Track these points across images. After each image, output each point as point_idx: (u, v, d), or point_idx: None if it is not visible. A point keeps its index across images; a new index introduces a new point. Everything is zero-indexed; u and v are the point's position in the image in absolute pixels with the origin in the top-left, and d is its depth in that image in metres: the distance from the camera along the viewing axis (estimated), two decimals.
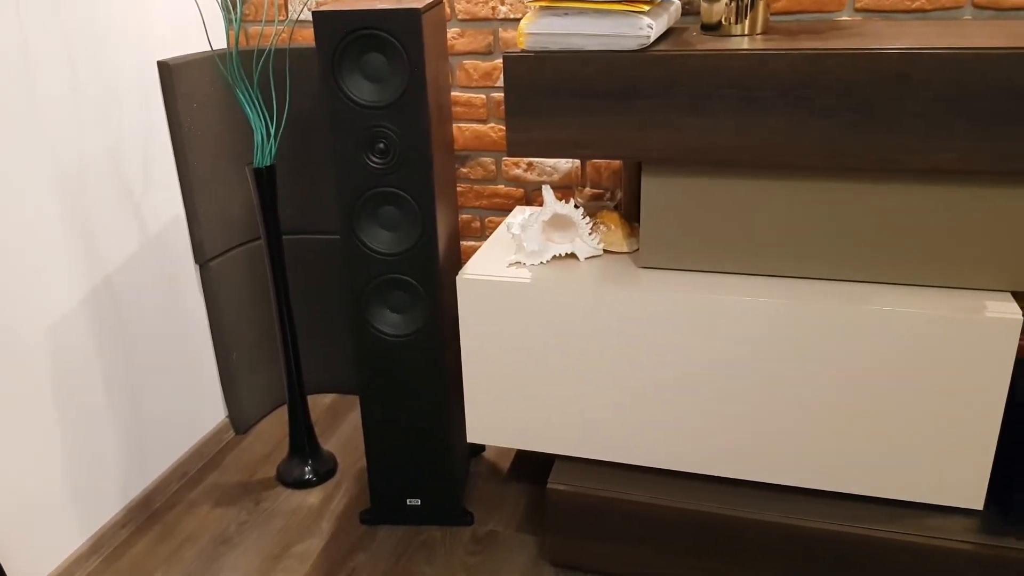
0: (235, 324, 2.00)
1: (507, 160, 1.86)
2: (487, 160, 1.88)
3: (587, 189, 1.75)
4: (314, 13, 1.32)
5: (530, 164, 1.85)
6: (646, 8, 1.26)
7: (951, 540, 1.35)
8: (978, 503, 1.35)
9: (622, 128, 1.33)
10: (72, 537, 1.61)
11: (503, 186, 1.89)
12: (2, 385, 1.43)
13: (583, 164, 1.80)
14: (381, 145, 1.39)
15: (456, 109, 1.85)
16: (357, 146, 1.40)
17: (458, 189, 1.93)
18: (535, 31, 1.33)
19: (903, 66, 1.18)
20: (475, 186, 1.91)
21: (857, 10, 1.55)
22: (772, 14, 1.60)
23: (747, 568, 1.46)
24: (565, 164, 1.85)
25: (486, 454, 1.95)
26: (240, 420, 2.08)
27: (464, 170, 1.90)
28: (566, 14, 1.30)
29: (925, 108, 1.19)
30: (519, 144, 1.39)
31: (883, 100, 1.20)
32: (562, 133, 1.36)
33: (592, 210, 1.67)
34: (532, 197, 1.88)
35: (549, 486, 1.50)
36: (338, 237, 1.96)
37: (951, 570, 1.35)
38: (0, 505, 1.44)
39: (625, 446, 1.49)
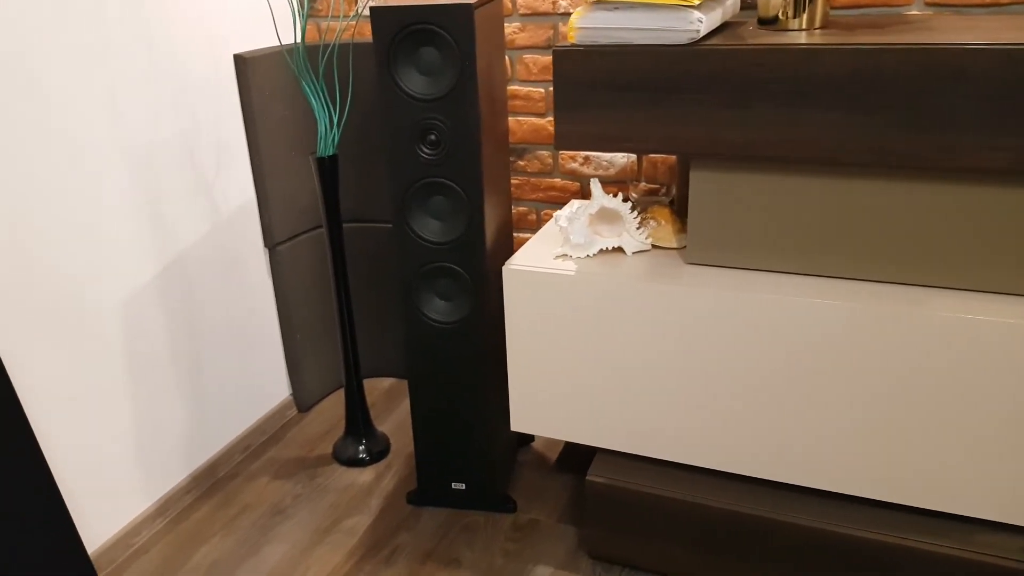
0: (301, 307, 2.09)
1: (564, 154, 1.88)
2: (544, 153, 1.90)
3: (642, 184, 1.75)
4: (371, 8, 1.37)
5: (586, 158, 1.86)
6: (697, 2, 1.25)
7: (1005, 559, 1.29)
8: None
9: (670, 123, 1.33)
10: (140, 500, 1.71)
11: (559, 179, 1.90)
12: (78, 355, 1.54)
13: (639, 159, 1.80)
14: (432, 137, 1.43)
15: (515, 102, 1.87)
16: (409, 137, 1.44)
17: (515, 182, 1.95)
18: (585, 25, 1.34)
19: (960, 61, 1.13)
20: (532, 179, 1.93)
21: (928, 4, 1.49)
22: (838, 8, 1.56)
23: (783, 573, 1.43)
24: (621, 159, 1.85)
25: (535, 444, 1.98)
26: (303, 399, 2.17)
27: (521, 163, 1.93)
28: (616, 8, 1.31)
29: (982, 105, 1.14)
30: (567, 137, 1.40)
31: (938, 97, 1.16)
32: (610, 127, 1.37)
33: (646, 205, 1.67)
34: (588, 191, 1.89)
35: (588, 478, 1.52)
36: None
37: None
38: (74, 467, 1.55)
39: (666, 443, 1.49)
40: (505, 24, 1.82)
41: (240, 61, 1.81)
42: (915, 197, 1.27)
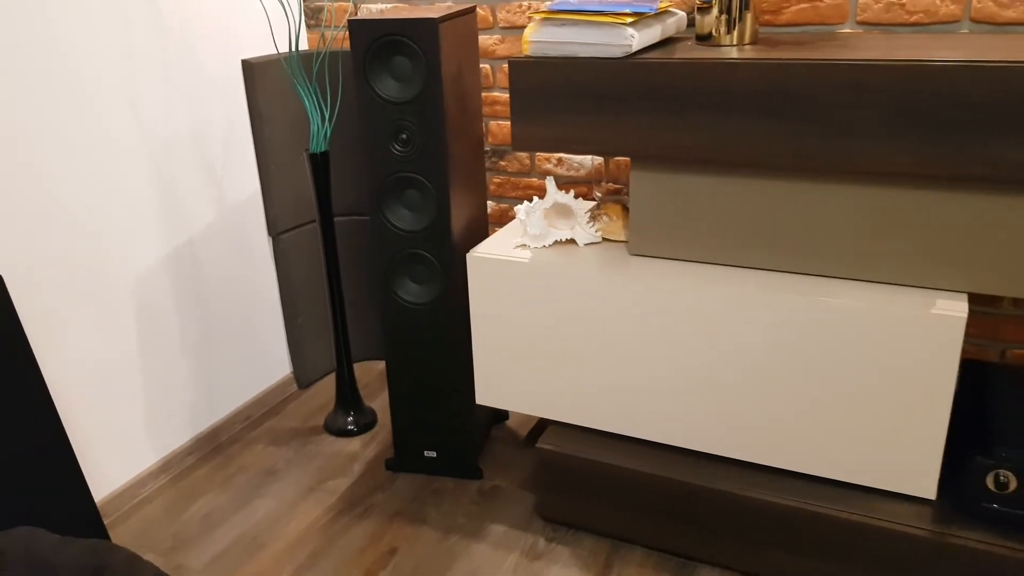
0: (302, 291, 2.28)
1: (539, 155, 2.04)
2: (522, 155, 2.07)
3: (607, 184, 1.91)
4: (349, 21, 1.55)
5: (560, 159, 2.03)
6: (629, 20, 1.41)
7: (905, 525, 1.42)
8: (930, 493, 1.43)
9: (610, 127, 1.49)
10: (145, 457, 1.92)
11: (536, 179, 2.07)
12: (95, 327, 1.75)
13: (606, 161, 1.96)
14: (404, 136, 1.61)
15: (496, 107, 2.05)
16: (384, 136, 1.62)
17: (497, 180, 2.13)
18: (537, 39, 1.50)
19: (858, 76, 1.28)
20: (512, 178, 2.10)
21: (859, 23, 1.63)
22: (780, 26, 1.71)
23: (712, 535, 1.58)
24: (590, 160, 2.01)
25: (509, 422, 2.14)
26: (303, 376, 2.36)
27: (503, 163, 2.10)
28: (563, 24, 1.48)
29: (879, 116, 1.29)
30: (523, 139, 1.57)
31: (840, 107, 1.31)
32: (560, 130, 1.53)
33: (605, 203, 1.83)
34: (573, 191, 2.05)
35: (538, 446, 1.68)
36: None
37: (905, 553, 1.43)
38: (89, 426, 1.76)
39: (609, 416, 1.64)
40: (487, 36, 2.00)
41: (247, 66, 2.01)
42: (832, 198, 1.41)
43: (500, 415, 2.15)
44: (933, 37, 1.50)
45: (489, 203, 2.16)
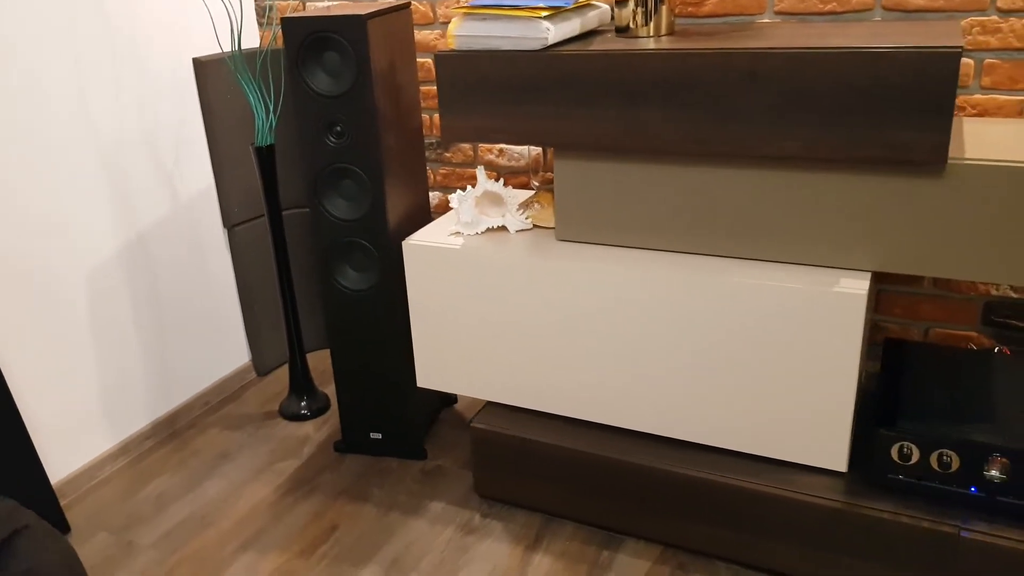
0: (258, 282, 2.35)
1: (482, 146, 2.10)
2: (465, 146, 2.13)
3: (542, 173, 1.97)
4: (282, 19, 1.61)
5: (501, 150, 2.09)
6: (544, 14, 1.47)
7: (818, 497, 1.48)
8: (841, 465, 1.49)
9: (531, 117, 1.55)
10: (104, 441, 1.99)
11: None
12: (49, 320, 1.81)
13: (544, 150, 2.02)
14: (338, 128, 1.67)
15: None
16: (319, 128, 1.68)
17: (442, 171, 2.19)
18: (461, 33, 1.56)
19: (750, 64, 1.34)
20: (456, 169, 2.16)
21: (777, 13, 1.69)
22: (703, 17, 1.76)
23: (636, 509, 1.65)
24: (529, 151, 2.07)
25: (457, 406, 2.21)
26: (261, 364, 2.43)
27: (447, 154, 2.16)
28: (484, 19, 1.53)
29: (770, 102, 1.34)
30: (451, 130, 1.62)
31: (735, 95, 1.36)
32: (485, 121, 1.59)
33: (542, 191, 1.89)
34: (504, 179, 2.11)
35: (472, 425, 1.75)
36: None
37: (819, 523, 1.50)
38: (47, 412, 1.83)
39: (540, 395, 1.71)
40: (428, 31, 2.05)
41: (198, 64, 2.07)
42: (737, 182, 1.47)
43: (448, 398, 2.22)
44: (842, 25, 1.55)
45: (436, 193, 2.22)
